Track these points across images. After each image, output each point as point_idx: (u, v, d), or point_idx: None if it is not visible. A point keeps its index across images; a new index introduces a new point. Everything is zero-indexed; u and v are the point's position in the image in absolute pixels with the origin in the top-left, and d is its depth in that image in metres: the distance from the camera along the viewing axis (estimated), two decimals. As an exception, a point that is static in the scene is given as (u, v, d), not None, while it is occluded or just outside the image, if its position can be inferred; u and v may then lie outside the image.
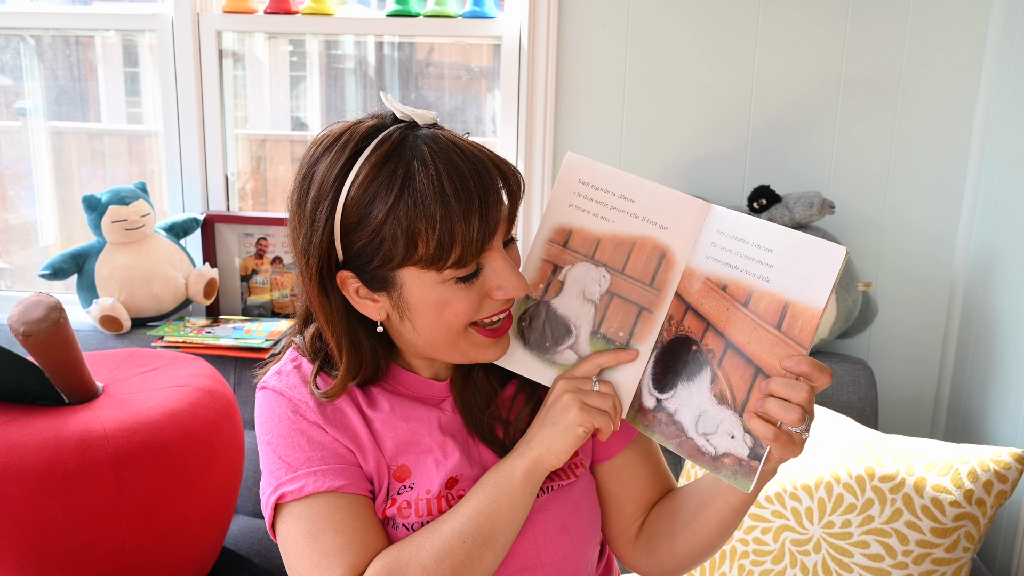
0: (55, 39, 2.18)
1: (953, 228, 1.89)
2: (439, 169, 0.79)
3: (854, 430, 1.48)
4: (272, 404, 0.91)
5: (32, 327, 1.32)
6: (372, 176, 0.80)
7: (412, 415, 0.92)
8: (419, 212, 0.78)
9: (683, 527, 0.92)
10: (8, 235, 2.31)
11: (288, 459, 0.87)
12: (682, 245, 0.86)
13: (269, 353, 1.00)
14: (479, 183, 0.80)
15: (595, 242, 0.88)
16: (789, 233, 0.79)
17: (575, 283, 0.89)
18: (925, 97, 1.85)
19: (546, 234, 0.90)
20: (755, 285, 0.80)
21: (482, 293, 0.84)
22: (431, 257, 0.80)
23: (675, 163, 1.93)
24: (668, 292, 0.87)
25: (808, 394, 0.76)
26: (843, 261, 0.76)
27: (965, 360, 1.86)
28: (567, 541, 0.92)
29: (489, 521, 0.84)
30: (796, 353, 0.78)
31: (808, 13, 1.84)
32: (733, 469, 0.81)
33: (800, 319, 0.77)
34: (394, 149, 0.81)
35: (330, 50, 2.16)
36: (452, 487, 0.90)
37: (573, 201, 0.89)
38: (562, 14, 1.88)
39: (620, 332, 0.88)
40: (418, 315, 0.85)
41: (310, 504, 0.85)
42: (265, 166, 2.21)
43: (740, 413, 0.81)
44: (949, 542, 1.33)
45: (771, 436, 0.77)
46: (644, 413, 0.88)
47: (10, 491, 1.23)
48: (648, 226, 0.87)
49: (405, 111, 0.84)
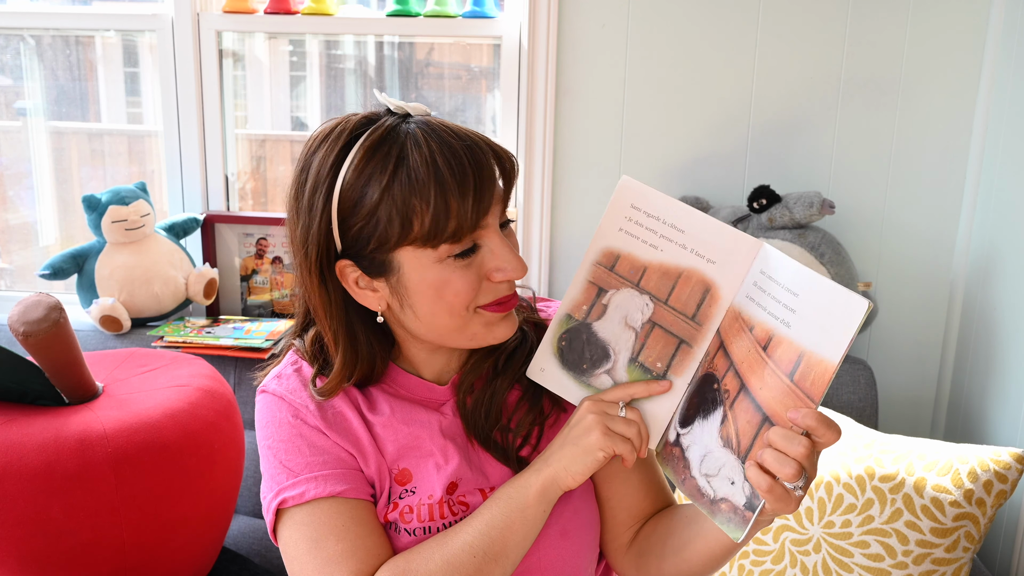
0: (55, 39, 2.18)
1: (953, 228, 1.89)
2: (432, 147, 0.80)
3: (854, 430, 1.48)
4: (272, 408, 0.90)
5: (32, 327, 1.32)
6: (367, 159, 0.81)
7: (413, 418, 0.91)
8: (413, 189, 0.79)
9: (673, 553, 0.91)
10: (8, 235, 2.31)
11: (289, 464, 0.87)
12: (729, 282, 0.84)
13: (268, 355, 1.00)
14: (472, 158, 0.81)
15: (642, 269, 0.87)
16: (816, 279, 0.76)
17: (618, 309, 0.88)
18: (925, 97, 1.85)
19: (594, 256, 0.89)
20: (776, 329, 0.78)
21: (481, 274, 0.84)
22: (427, 234, 0.80)
23: (675, 163, 1.93)
24: (710, 328, 0.85)
25: (806, 450, 0.73)
26: (864, 316, 0.72)
27: (965, 360, 1.86)
28: (567, 546, 0.92)
29: (501, 536, 0.83)
30: (804, 406, 0.74)
31: (808, 13, 1.84)
32: (728, 516, 0.79)
33: (813, 371, 0.74)
34: (387, 134, 0.82)
35: (330, 50, 2.16)
36: (453, 492, 0.89)
37: (624, 226, 0.87)
38: (562, 14, 1.88)
39: (658, 363, 0.88)
40: (418, 299, 0.84)
41: (312, 510, 0.85)
42: (265, 166, 2.21)
43: (743, 460, 0.79)
44: (949, 542, 1.33)
45: (765, 487, 0.74)
46: (667, 447, 0.88)
47: (10, 491, 1.23)
48: (696, 259, 0.86)
49: (399, 104, 0.85)
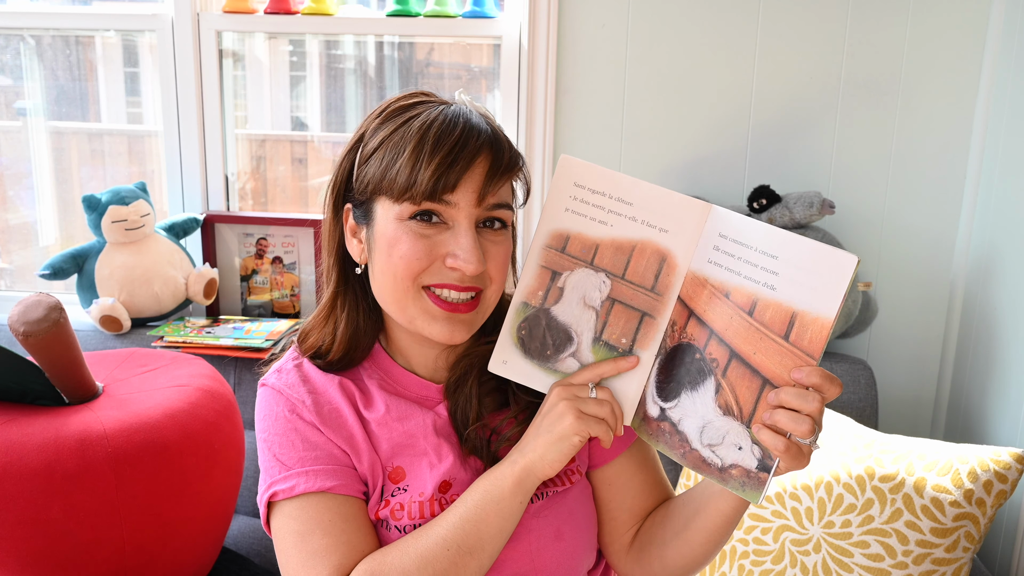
0: (55, 39, 2.18)
1: (953, 228, 1.89)
2: (436, 121, 0.84)
3: (854, 430, 1.48)
4: (270, 402, 0.92)
5: (32, 327, 1.32)
6: (390, 116, 0.87)
7: (408, 416, 0.92)
8: (401, 145, 0.84)
9: (674, 536, 0.91)
10: (8, 235, 2.31)
11: (282, 457, 0.88)
12: (683, 248, 0.84)
13: (269, 354, 1.01)
14: (462, 135, 0.83)
15: (594, 247, 0.86)
16: (795, 239, 0.76)
17: (575, 289, 0.87)
18: (925, 97, 1.85)
19: (543, 240, 0.88)
20: (760, 293, 0.78)
21: (434, 251, 0.85)
22: (395, 187, 0.84)
23: (675, 163, 1.93)
24: (670, 297, 0.85)
25: (819, 405, 0.74)
26: (854, 270, 0.73)
27: (965, 360, 1.86)
28: (562, 548, 0.92)
29: (475, 530, 0.83)
30: (806, 364, 0.76)
31: (808, 14, 1.84)
32: (741, 481, 0.80)
33: (810, 330, 0.75)
34: (419, 103, 0.88)
35: (330, 50, 2.16)
36: (446, 491, 0.90)
37: (569, 205, 0.86)
38: (562, 14, 1.88)
39: (623, 339, 0.87)
40: (376, 254, 0.88)
41: (301, 504, 0.86)
42: (265, 166, 2.21)
43: (747, 424, 0.79)
44: (949, 542, 1.33)
45: (782, 448, 0.75)
46: (648, 422, 0.87)
47: (10, 491, 1.23)
48: (648, 229, 0.85)
49: (462, 99, 0.90)
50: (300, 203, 2.23)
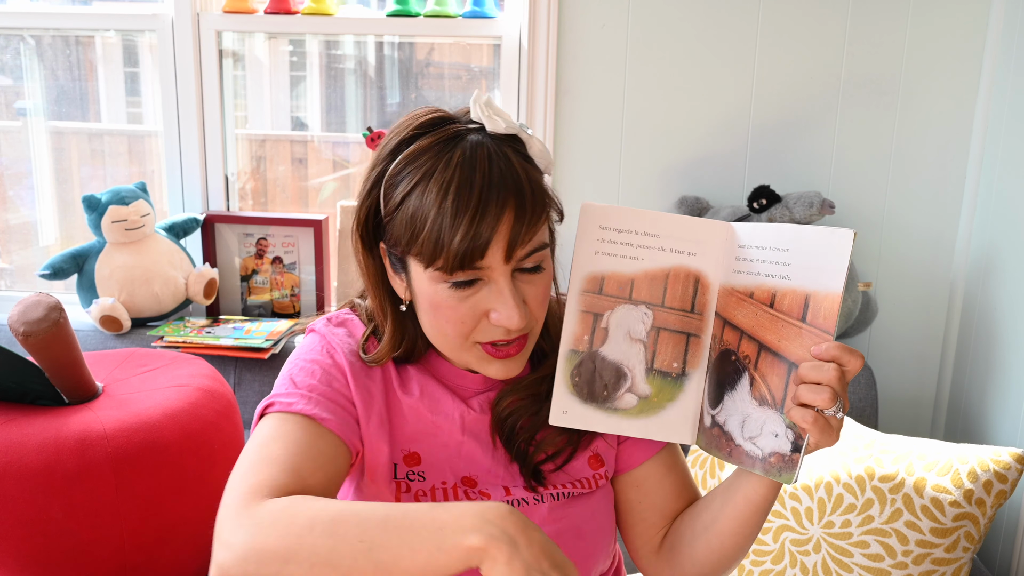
0: (55, 39, 2.18)
1: (953, 228, 1.89)
2: (455, 175, 0.80)
3: (854, 430, 1.48)
4: (312, 342, 0.93)
5: (32, 327, 1.32)
6: (412, 158, 0.83)
7: (439, 408, 0.92)
8: (421, 207, 0.81)
9: (703, 531, 0.92)
10: (8, 235, 2.31)
11: (297, 380, 0.88)
12: (712, 266, 0.88)
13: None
14: (480, 198, 0.80)
15: (629, 282, 0.89)
16: (799, 230, 0.82)
17: (619, 327, 0.90)
18: (925, 97, 1.85)
19: (579, 285, 0.90)
20: (777, 286, 0.83)
21: (478, 310, 0.84)
22: (423, 256, 0.82)
23: (675, 163, 1.93)
24: (709, 314, 0.89)
25: (836, 373, 0.77)
26: (852, 243, 0.78)
27: (965, 360, 1.86)
28: (581, 546, 0.92)
29: (393, 556, 0.67)
30: (823, 341, 0.79)
31: (808, 13, 1.84)
32: (779, 466, 0.82)
33: (822, 307, 0.79)
34: (443, 141, 0.83)
35: (330, 50, 2.16)
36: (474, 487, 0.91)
37: (598, 248, 0.89)
38: (562, 14, 1.88)
39: (674, 363, 0.90)
40: (420, 308, 0.87)
41: (290, 419, 0.84)
42: (265, 166, 2.21)
43: (781, 410, 0.82)
44: (949, 542, 1.33)
45: (810, 420, 0.77)
46: (704, 432, 0.90)
47: (10, 491, 1.23)
48: (677, 256, 0.89)
49: (479, 115, 0.85)
50: (300, 203, 2.23)
